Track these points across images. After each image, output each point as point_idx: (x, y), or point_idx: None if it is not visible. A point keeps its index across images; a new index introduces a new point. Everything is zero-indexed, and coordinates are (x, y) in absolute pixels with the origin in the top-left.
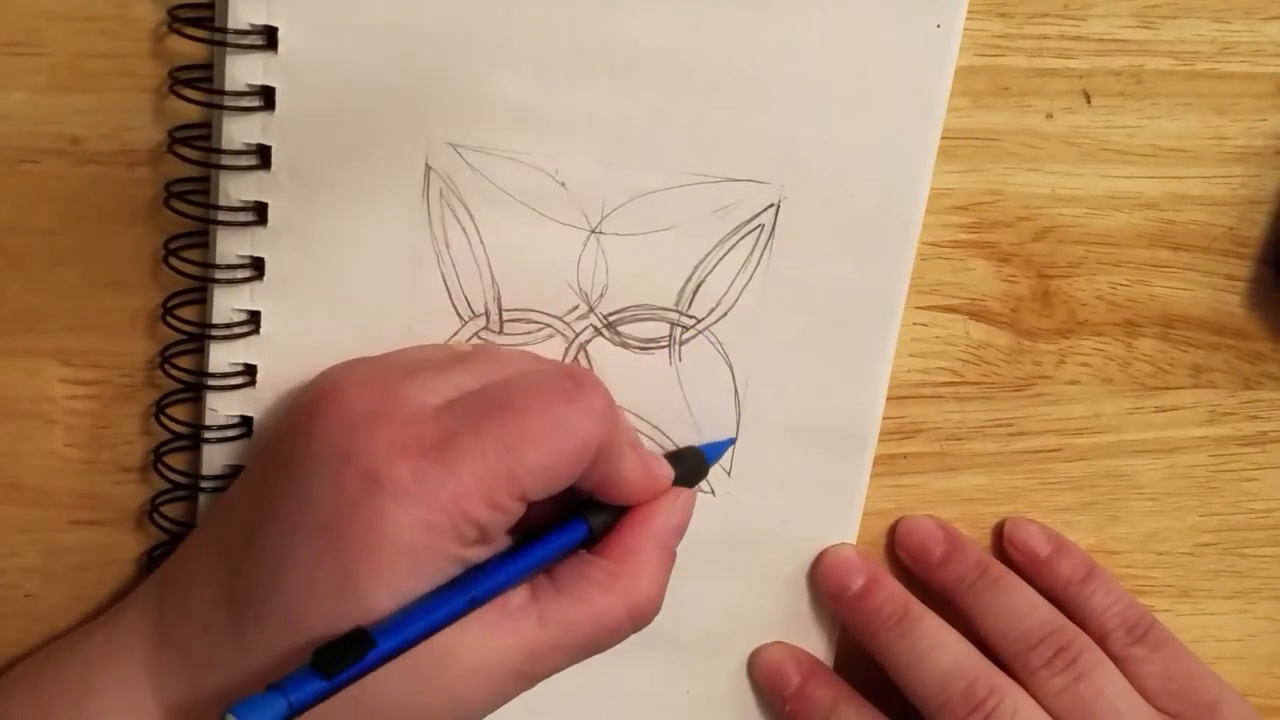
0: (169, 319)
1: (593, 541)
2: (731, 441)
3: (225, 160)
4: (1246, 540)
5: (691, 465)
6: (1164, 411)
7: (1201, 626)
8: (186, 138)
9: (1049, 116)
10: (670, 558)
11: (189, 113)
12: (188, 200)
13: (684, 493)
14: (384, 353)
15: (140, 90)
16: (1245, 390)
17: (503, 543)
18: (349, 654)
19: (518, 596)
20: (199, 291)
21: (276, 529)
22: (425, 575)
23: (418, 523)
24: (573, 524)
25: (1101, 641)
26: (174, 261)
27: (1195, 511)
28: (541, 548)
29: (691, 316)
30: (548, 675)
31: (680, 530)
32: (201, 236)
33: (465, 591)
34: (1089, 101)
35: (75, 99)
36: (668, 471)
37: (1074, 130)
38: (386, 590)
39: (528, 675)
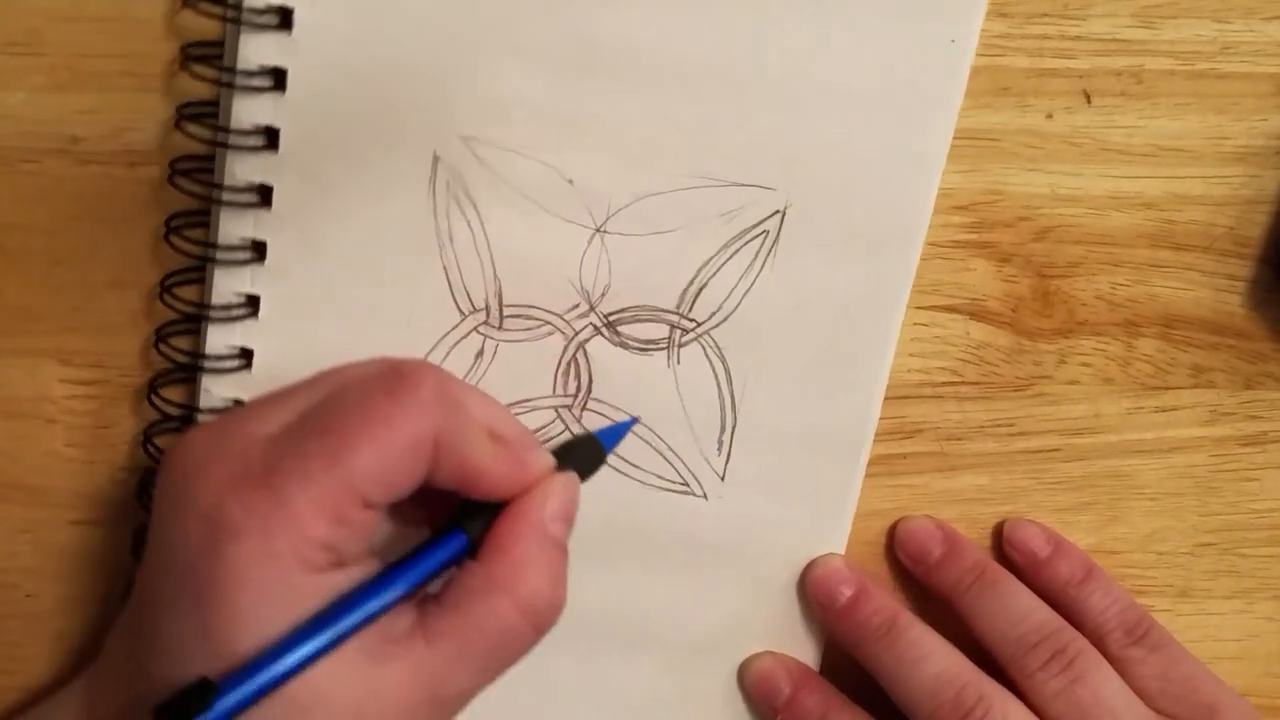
0: (166, 298)
1: (475, 547)
2: (632, 423)
3: (233, 140)
4: (1246, 540)
5: (585, 455)
6: (1164, 411)
7: (1201, 626)
8: (195, 114)
9: (1049, 116)
10: (557, 548)
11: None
12: (193, 178)
13: (560, 476)
14: None
15: (141, 90)
16: (1245, 390)
17: (372, 565)
18: (190, 708)
19: (404, 619)
20: (197, 271)
21: (150, 588)
22: (283, 610)
23: (255, 556)
24: (452, 533)
25: (1100, 643)
26: (174, 240)
27: (1195, 511)
28: (418, 563)
29: (692, 320)
30: (464, 696)
31: (564, 517)
32: (203, 216)
33: (329, 624)
34: (1089, 101)
35: (75, 99)
36: (543, 459)
37: (1074, 130)
38: (243, 633)
39: (437, 700)
